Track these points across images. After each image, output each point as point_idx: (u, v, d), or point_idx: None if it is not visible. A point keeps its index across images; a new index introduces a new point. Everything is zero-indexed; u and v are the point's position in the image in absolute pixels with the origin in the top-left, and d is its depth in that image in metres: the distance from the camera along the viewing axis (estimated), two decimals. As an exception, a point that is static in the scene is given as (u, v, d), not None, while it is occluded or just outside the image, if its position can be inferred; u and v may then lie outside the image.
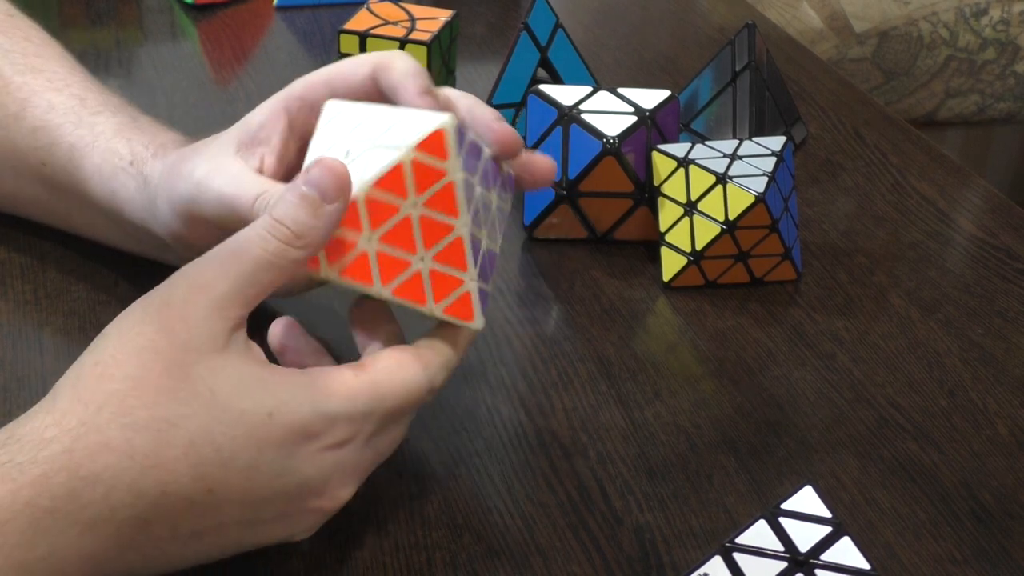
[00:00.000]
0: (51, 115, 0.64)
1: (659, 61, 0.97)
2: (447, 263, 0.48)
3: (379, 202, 0.46)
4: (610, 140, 0.68)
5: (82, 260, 0.67)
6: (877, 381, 0.62)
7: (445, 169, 0.46)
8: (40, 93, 0.65)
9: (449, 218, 0.47)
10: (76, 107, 0.64)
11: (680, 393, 0.61)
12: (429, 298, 0.48)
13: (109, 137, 0.62)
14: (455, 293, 0.48)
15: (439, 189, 0.47)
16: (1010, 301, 0.69)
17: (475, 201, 0.48)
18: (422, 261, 0.47)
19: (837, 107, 0.90)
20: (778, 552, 0.46)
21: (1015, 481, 0.56)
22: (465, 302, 0.49)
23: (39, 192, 0.65)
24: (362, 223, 0.46)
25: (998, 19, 1.56)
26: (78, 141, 0.62)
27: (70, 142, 0.62)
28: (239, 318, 0.46)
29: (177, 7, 1.00)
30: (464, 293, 0.49)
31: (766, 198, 0.65)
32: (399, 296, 0.48)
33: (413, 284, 0.48)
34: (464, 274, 0.48)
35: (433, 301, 0.48)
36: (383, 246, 0.47)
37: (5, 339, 0.62)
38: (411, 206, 0.47)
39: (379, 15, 0.83)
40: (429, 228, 0.47)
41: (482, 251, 0.49)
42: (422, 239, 0.47)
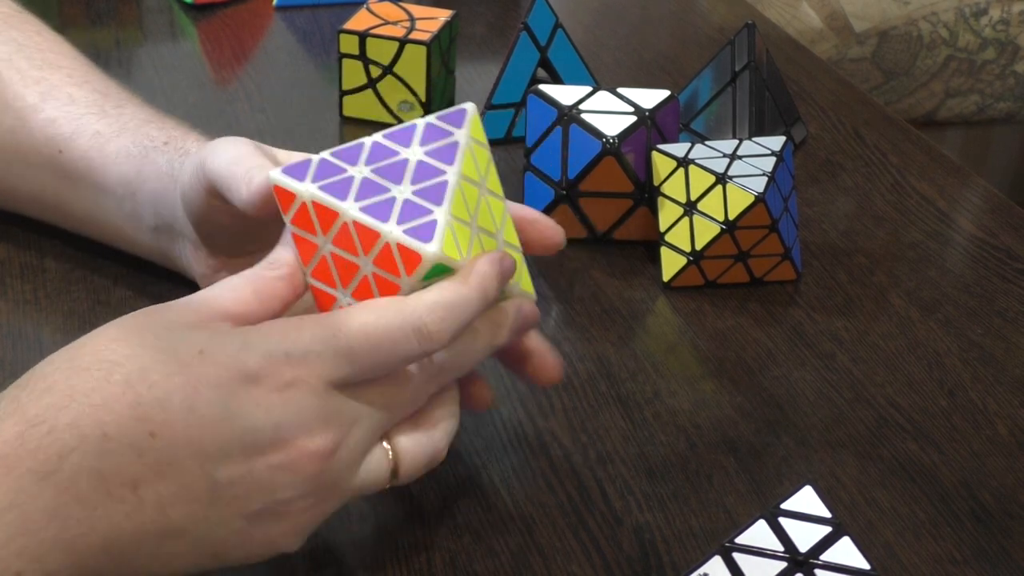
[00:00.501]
0: (72, 107, 0.64)
1: (659, 61, 0.97)
2: (370, 245, 0.47)
3: (317, 268, 0.48)
4: (610, 140, 0.68)
5: (82, 260, 0.67)
6: (877, 381, 0.62)
7: (303, 200, 0.47)
8: (60, 87, 0.65)
9: (337, 221, 0.47)
10: (99, 100, 0.65)
11: (680, 393, 0.61)
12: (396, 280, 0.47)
13: (139, 124, 0.63)
14: (393, 253, 0.46)
15: (316, 214, 0.47)
16: (1010, 301, 0.69)
17: (359, 184, 0.48)
18: (367, 265, 0.47)
19: (837, 107, 0.90)
20: (778, 552, 0.46)
21: (1015, 481, 0.56)
22: (404, 250, 0.46)
23: (47, 182, 0.64)
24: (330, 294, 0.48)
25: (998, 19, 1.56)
26: (105, 128, 0.63)
27: (96, 129, 0.63)
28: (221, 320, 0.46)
29: (177, 7, 1.00)
30: (396, 245, 0.46)
31: (766, 198, 0.65)
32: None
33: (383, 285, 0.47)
34: (381, 237, 0.46)
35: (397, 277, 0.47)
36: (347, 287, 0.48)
37: (5, 339, 0.62)
38: (324, 245, 0.48)
39: (379, 15, 0.83)
40: (344, 243, 0.47)
41: (402, 200, 0.47)
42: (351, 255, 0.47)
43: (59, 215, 0.66)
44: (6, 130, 0.65)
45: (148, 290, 0.65)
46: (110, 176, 0.62)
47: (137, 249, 0.65)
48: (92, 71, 0.67)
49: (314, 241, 0.48)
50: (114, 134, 0.62)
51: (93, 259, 0.67)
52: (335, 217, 0.47)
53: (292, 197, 0.47)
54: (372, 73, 0.82)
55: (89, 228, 0.66)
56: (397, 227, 0.46)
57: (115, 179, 0.61)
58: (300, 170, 0.48)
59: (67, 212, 0.66)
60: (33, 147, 0.64)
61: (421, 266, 0.46)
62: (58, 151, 0.63)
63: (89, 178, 0.63)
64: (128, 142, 0.62)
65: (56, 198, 0.65)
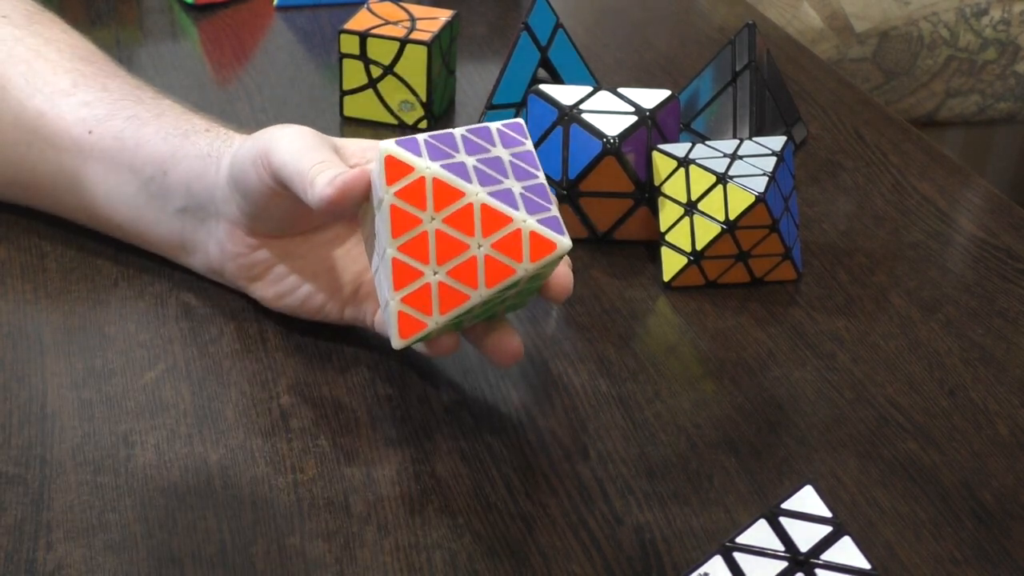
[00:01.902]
0: (107, 93, 0.65)
1: (659, 61, 0.97)
2: (495, 229, 0.50)
3: (409, 243, 0.50)
4: (610, 140, 0.68)
5: (82, 260, 0.67)
6: (877, 381, 0.62)
7: (420, 175, 0.50)
8: (93, 77, 0.66)
9: (461, 200, 0.49)
10: (134, 90, 0.66)
11: (680, 393, 0.61)
12: (512, 264, 0.50)
13: (179, 112, 0.65)
14: (523, 240, 0.50)
15: (433, 190, 0.49)
16: (1010, 301, 0.69)
17: (472, 170, 0.50)
18: (480, 247, 0.50)
19: (837, 107, 0.90)
20: (778, 552, 0.46)
21: (1015, 481, 0.56)
22: (537, 239, 0.50)
23: (68, 162, 0.64)
24: (417, 268, 0.50)
25: (998, 19, 1.56)
26: (143, 112, 0.64)
27: (133, 112, 0.64)
28: None
29: (177, 7, 1.00)
30: (529, 233, 0.50)
31: (766, 198, 0.65)
32: (495, 284, 0.50)
33: (494, 267, 0.50)
34: (513, 223, 0.50)
35: (516, 262, 0.50)
36: (445, 266, 0.50)
37: (5, 339, 0.62)
38: (430, 221, 0.50)
39: (379, 15, 0.83)
40: (457, 221, 0.49)
41: (518, 193, 0.51)
42: (462, 233, 0.50)
43: (73, 198, 0.66)
44: (34, 113, 0.65)
45: (148, 291, 0.65)
46: (142, 154, 0.62)
47: (151, 234, 0.64)
48: (121, 68, 0.69)
49: (418, 216, 0.49)
50: (152, 117, 0.64)
51: (93, 259, 0.67)
52: (458, 197, 0.49)
53: (407, 171, 0.49)
54: (373, 73, 0.82)
55: (103, 212, 0.65)
56: (530, 216, 0.49)
57: (147, 157, 0.62)
58: (412, 146, 0.50)
59: (84, 194, 0.65)
60: (63, 128, 0.64)
61: (551, 255, 0.49)
62: (88, 131, 0.64)
63: (118, 156, 0.63)
64: (168, 124, 0.63)
65: (74, 179, 0.65)
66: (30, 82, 0.66)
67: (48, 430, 0.56)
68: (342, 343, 0.62)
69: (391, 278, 0.50)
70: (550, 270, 0.52)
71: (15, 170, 0.67)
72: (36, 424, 0.56)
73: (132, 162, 0.63)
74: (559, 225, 0.50)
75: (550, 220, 0.50)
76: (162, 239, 0.64)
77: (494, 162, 0.51)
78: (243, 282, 0.62)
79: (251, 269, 0.61)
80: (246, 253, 0.61)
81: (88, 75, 0.66)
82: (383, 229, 0.51)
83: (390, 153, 0.50)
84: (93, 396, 0.58)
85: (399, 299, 0.51)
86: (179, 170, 0.61)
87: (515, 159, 0.52)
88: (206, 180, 0.60)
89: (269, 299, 0.62)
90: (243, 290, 0.63)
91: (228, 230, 0.61)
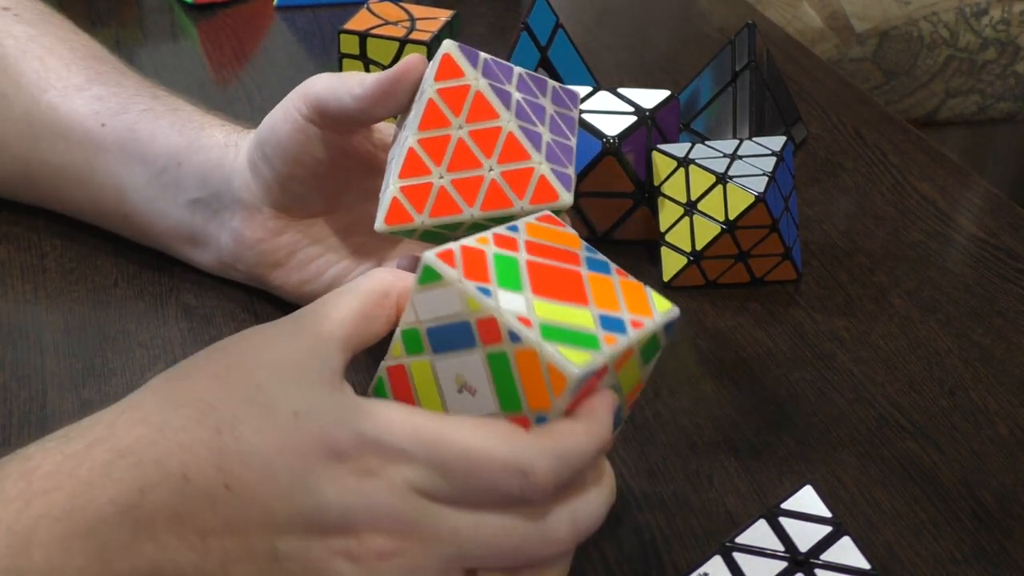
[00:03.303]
0: (121, 89, 0.66)
1: (659, 61, 0.97)
2: (511, 160, 0.50)
3: (430, 140, 0.50)
4: (610, 140, 0.68)
5: (82, 260, 0.67)
6: (877, 381, 0.62)
7: (467, 83, 0.50)
8: (107, 74, 0.67)
9: (492, 121, 0.50)
10: (149, 87, 0.67)
11: (680, 393, 0.61)
12: (513, 198, 0.50)
13: (194, 109, 0.65)
14: (531, 181, 0.50)
15: (472, 101, 0.50)
16: (1010, 301, 0.69)
17: (515, 103, 0.51)
18: (491, 171, 0.50)
19: (837, 107, 0.90)
20: (778, 552, 0.46)
21: (1015, 481, 0.56)
22: (544, 185, 0.50)
23: (78, 155, 0.64)
24: (427, 165, 0.50)
25: (998, 19, 1.56)
26: (158, 107, 0.64)
27: (148, 106, 0.64)
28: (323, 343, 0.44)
29: (177, 7, 1.00)
30: (539, 177, 0.50)
31: (766, 198, 0.65)
32: (488, 209, 0.50)
33: (494, 193, 0.50)
34: (529, 161, 0.50)
35: (517, 198, 0.50)
36: (452, 175, 0.50)
37: (5, 339, 0.62)
38: (457, 129, 0.50)
39: (379, 15, 0.83)
40: (481, 139, 0.50)
41: (546, 141, 0.52)
42: (481, 151, 0.50)
43: (79, 190, 0.66)
44: (47, 107, 0.65)
45: (148, 290, 0.65)
46: (156, 146, 0.63)
47: (158, 226, 0.64)
48: (133, 69, 0.69)
49: (449, 119, 0.50)
50: (167, 111, 0.64)
51: (93, 259, 0.67)
52: (492, 117, 0.50)
53: (457, 74, 0.50)
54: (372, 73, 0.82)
55: (110, 204, 0.65)
56: (547, 162, 0.50)
57: (161, 149, 0.62)
58: (473, 57, 0.51)
59: (91, 186, 0.65)
60: (75, 120, 0.64)
61: (549, 203, 0.50)
62: (101, 124, 0.64)
63: (130, 148, 0.63)
64: (184, 118, 0.63)
65: (83, 170, 0.65)
66: (43, 77, 0.66)
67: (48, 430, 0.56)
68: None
69: (401, 165, 0.51)
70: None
71: (23, 164, 0.67)
72: (36, 424, 0.56)
73: (145, 153, 0.63)
74: (569, 183, 0.51)
75: (563, 175, 0.51)
76: (169, 231, 0.64)
77: (538, 108, 0.52)
78: (262, 270, 0.62)
79: (273, 254, 0.61)
80: (267, 239, 0.61)
81: (102, 72, 0.67)
82: (413, 119, 0.51)
83: (449, 52, 0.51)
84: (93, 396, 0.58)
85: (399, 186, 0.51)
86: (195, 161, 0.61)
87: (557, 116, 0.53)
88: (224, 168, 0.61)
89: (291, 286, 0.62)
90: (259, 281, 0.63)
91: (246, 217, 0.61)
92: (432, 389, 0.44)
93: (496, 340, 0.42)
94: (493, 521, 0.42)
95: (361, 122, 0.56)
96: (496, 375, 0.42)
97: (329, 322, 0.45)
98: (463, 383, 0.43)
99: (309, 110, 0.56)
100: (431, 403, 0.44)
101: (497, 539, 0.42)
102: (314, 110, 0.56)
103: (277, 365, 0.44)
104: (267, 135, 0.58)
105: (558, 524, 0.43)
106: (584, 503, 0.43)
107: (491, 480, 0.41)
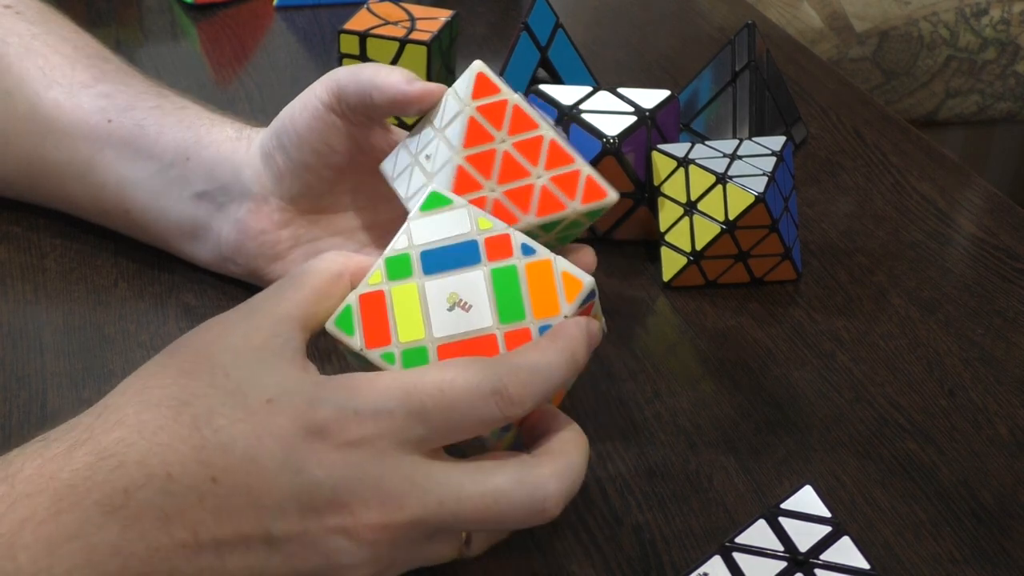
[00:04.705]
0: (127, 87, 0.66)
1: (659, 61, 0.97)
2: (557, 165, 0.53)
3: (477, 155, 0.53)
4: (610, 140, 0.68)
5: (82, 260, 0.67)
6: (877, 381, 0.62)
7: (504, 99, 0.53)
8: (112, 72, 0.67)
9: (533, 132, 0.53)
10: (154, 85, 0.67)
11: (680, 393, 0.61)
12: (565, 200, 0.53)
13: (202, 107, 0.65)
14: (579, 183, 0.53)
15: (511, 115, 0.53)
16: (1010, 301, 0.69)
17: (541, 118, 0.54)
18: (539, 178, 0.53)
19: (837, 107, 0.90)
20: (778, 552, 0.46)
21: (1015, 481, 0.56)
22: (592, 185, 0.53)
23: (83, 150, 0.64)
24: (478, 180, 0.52)
25: (998, 19, 1.56)
26: (166, 104, 0.64)
27: (155, 103, 0.64)
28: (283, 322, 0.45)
29: (177, 7, 1.00)
30: (587, 178, 0.53)
31: (766, 198, 0.65)
32: (543, 215, 0.52)
33: (546, 199, 0.52)
34: (574, 164, 0.53)
35: (569, 200, 0.52)
36: (503, 187, 0.52)
37: (5, 339, 0.62)
38: (501, 143, 0.53)
39: (379, 15, 0.83)
40: (525, 149, 0.53)
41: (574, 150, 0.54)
42: (527, 161, 0.53)
43: (80, 186, 0.66)
44: (51, 104, 0.65)
45: (148, 291, 0.65)
46: (162, 140, 0.63)
47: (160, 221, 0.64)
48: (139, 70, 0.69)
49: (492, 134, 0.53)
50: (175, 108, 0.64)
51: (93, 259, 0.67)
52: (532, 127, 0.53)
53: (493, 91, 0.53)
54: (372, 73, 0.82)
55: (112, 199, 0.65)
56: (587, 165, 0.53)
57: (168, 143, 0.63)
58: (497, 76, 0.53)
59: (93, 181, 0.65)
60: (80, 117, 0.64)
61: (601, 202, 0.53)
62: (107, 120, 0.64)
63: (137, 143, 0.63)
64: (192, 115, 0.63)
65: (86, 165, 0.65)
66: (47, 75, 0.66)
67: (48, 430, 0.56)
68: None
69: (451, 184, 0.52)
70: (591, 219, 0.54)
71: (26, 163, 0.67)
72: (36, 424, 0.56)
73: (152, 148, 0.63)
74: (605, 182, 0.54)
75: (602, 180, 0.54)
76: (172, 226, 0.64)
77: (555, 127, 0.56)
78: (261, 263, 0.62)
79: (274, 247, 0.61)
80: (271, 230, 0.61)
81: (108, 71, 0.67)
82: (453, 139, 0.53)
83: (482, 72, 0.53)
84: (93, 396, 0.58)
85: None
86: (204, 155, 0.62)
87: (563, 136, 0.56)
88: (234, 160, 0.61)
89: None
90: (255, 275, 0.63)
91: (253, 208, 0.61)
92: (415, 311, 0.47)
93: (506, 255, 0.47)
94: (477, 479, 0.44)
95: (389, 113, 0.57)
96: (499, 289, 0.47)
97: (286, 302, 0.46)
98: (456, 300, 0.47)
99: (330, 96, 0.57)
100: (410, 326, 0.47)
101: (483, 499, 0.44)
102: (336, 108, 0.57)
103: (239, 349, 0.44)
104: (285, 123, 0.59)
105: (545, 482, 0.44)
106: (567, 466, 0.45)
107: (469, 409, 0.43)
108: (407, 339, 0.47)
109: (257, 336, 0.45)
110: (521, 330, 0.46)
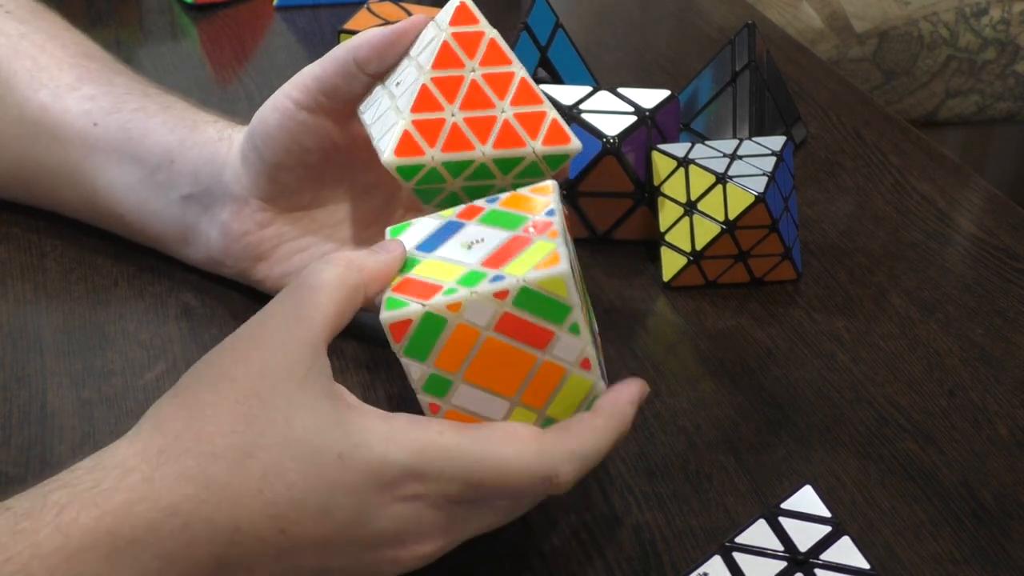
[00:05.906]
0: (112, 88, 0.65)
1: (659, 61, 0.97)
2: (524, 103, 0.52)
3: (444, 79, 0.52)
4: (610, 140, 0.68)
5: (82, 260, 0.67)
6: (877, 381, 0.62)
7: (481, 30, 0.52)
8: (98, 73, 0.67)
9: (505, 67, 0.52)
10: (140, 85, 0.66)
11: (680, 393, 0.61)
12: (526, 138, 0.52)
13: (186, 105, 0.65)
14: (544, 124, 0.52)
15: (486, 47, 0.52)
16: (1010, 301, 0.69)
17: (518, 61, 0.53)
18: (503, 112, 0.52)
19: (837, 107, 0.90)
20: (778, 552, 0.46)
21: (1015, 481, 0.56)
22: (557, 128, 0.52)
23: (71, 155, 0.64)
24: (440, 102, 0.52)
25: (998, 19, 1.56)
26: (150, 105, 0.64)
27: (139, 105, 0.64)
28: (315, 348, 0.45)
29: (177, 7, 1.00)
30: (552, 120, 0.52)
31: (766, 198, 0.65)
32: (501, 148, 0.52)
33: (507, 133, 0.52)
34: (542, 106, 0.53)
35: (530, 139, 0.52)
36: (465, 113, 0.52)
37: (5, 339, 0.62)
38: (471, 71, 0.52)
39: (379, 15, 0.83)
40: (494, 82, 0.52)
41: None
42: (494, 93, 0.52)
43: (73, 191, 0.66)
44: (38, 107, 0.65)
45: (148, 290, 0.65)
46: (148, 144, 0.63)
47: (152, 226, 0.64)
48: (126, 66, 0.69)
49: (464, 60, 0.52)
50: (159, 109, 0.64)
51: (93, 259, 0.67)
52: (505, 63, 0.52)
53: (472, 21, 0.52)
54: (372, 73, 0.82)
55: (104, 204, 0.65)
56: (553, 108, 0.53)
57: (153, 147, 0.62)
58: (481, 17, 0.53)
59: (85, 186, 0.65)
60: (67, 121, 0.64)
61: (561, 147, 0.52)
62: (93, 124, 0.64)
63: (123, 147, 0.63)
64: (175, 116, 0.63)
65: (77, 171, 0.65)
66: (35, 76, 0.66)
67: (48, 430, 0.56)
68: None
69: (413, 101, 0.52)
70: (551, 168, 0.53)
71: (19, 165, 0.67)
72: (36, 424, 0.56)
73: (138, 152, 0.63)
74: (572, 131, 0.53)
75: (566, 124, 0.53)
76: (163, 229, 0.64)
77: None
78: (246, 263, 0.62)
79: (258, 247, 0.61)
80: (254, 231, 0.61)
81: (93, 71, 0.66)
82: (424, 62, 0.52)
83: (465, 2, 0.52)
84: (93, 396, 0.58)
85: (411, 120, 0.51)
86: (187, 158, 0.62)
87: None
88: (215, 163, 0.61)
89: (274, 279, 0.62)
90: (244, 276, 0.63)
91: (234, 210, 0.61)
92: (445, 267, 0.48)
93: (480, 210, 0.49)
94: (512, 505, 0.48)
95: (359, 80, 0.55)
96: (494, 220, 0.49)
97: (316, 327, 0.46)
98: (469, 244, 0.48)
99: (303, 93, 0.56)
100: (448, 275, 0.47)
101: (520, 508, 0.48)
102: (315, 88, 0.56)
103: (288, 388, 0.44)
104: (257, 125, 0.58)
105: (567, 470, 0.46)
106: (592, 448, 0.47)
107: (518, 490, 0.46)
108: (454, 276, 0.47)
109: (299, 368, 0.44)
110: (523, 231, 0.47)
